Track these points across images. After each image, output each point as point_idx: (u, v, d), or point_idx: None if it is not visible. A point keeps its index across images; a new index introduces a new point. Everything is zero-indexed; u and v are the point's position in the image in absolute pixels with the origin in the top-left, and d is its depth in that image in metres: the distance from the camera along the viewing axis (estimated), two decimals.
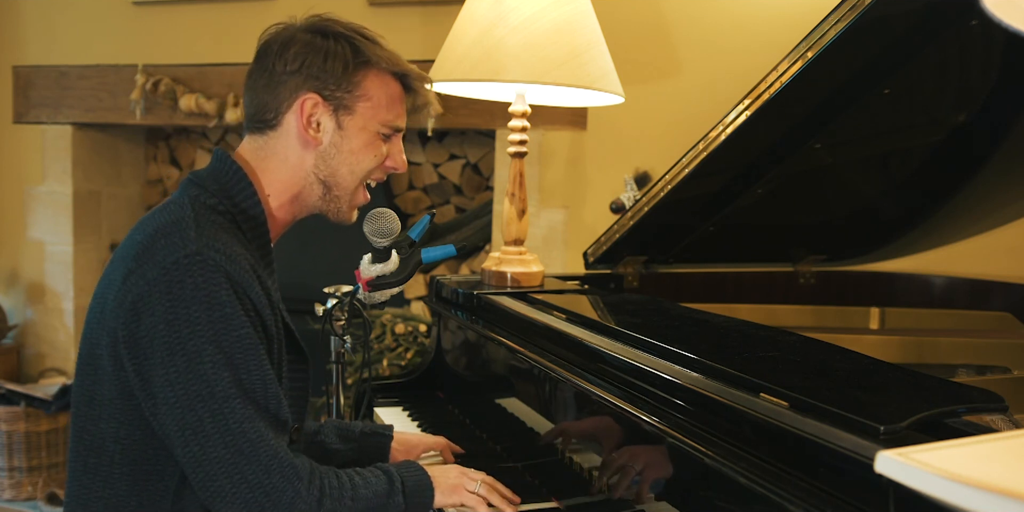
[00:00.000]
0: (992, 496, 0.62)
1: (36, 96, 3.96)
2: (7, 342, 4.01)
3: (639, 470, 1.27)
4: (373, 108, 1.39)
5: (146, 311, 1.20)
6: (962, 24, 1.62)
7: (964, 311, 2.34)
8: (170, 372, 1.19)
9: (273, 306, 1.32)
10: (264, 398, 1.23)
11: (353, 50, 1.37)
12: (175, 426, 1.19)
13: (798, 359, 1.30)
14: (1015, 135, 1.96)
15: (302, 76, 1.35)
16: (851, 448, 0.91)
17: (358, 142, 1.39)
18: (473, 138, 3.55)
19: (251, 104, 1.40)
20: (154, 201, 4.24)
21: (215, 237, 1.25)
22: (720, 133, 1.79)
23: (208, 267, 1.21)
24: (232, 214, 1.34)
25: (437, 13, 3.21)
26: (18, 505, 3.52)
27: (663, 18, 2.90)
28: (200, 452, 1.19)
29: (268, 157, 1.39)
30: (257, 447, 1.20)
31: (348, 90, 1.37)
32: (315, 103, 1.35)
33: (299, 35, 1.37)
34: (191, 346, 1.18)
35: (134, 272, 1.22)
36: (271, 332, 1.30)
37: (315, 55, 1.35)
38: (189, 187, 1.35)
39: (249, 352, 1.22)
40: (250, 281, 1.25)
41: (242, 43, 3.54)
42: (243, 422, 1.19)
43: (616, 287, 2.20)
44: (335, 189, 1.41)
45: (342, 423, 1.65)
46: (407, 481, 1.35)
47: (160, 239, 1.24)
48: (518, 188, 1.99)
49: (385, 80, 1.40)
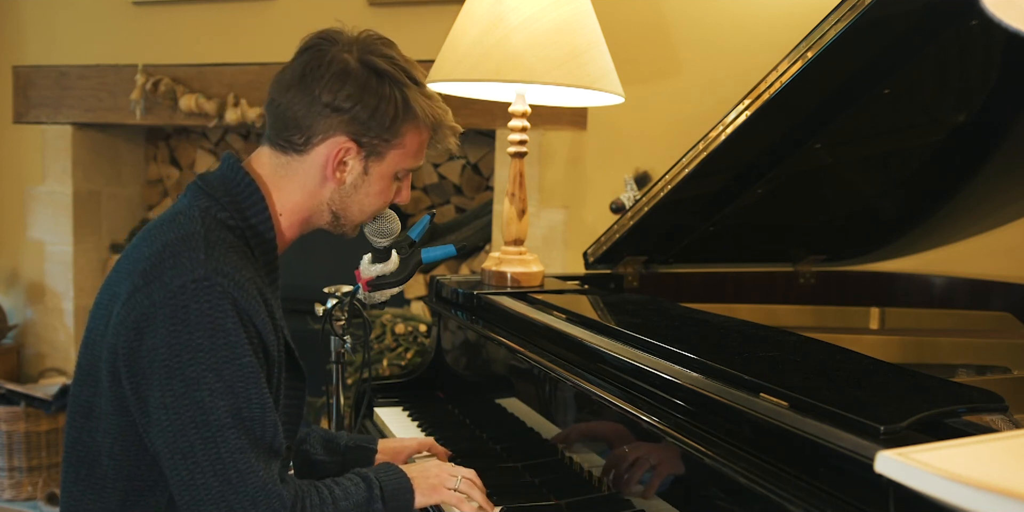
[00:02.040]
0: (992, 496, 0.62)
1: (36, 96, 3.96)
2: (7, 342, 4.01)
3: (639, 470, 1.27)
4: (403, 155, 1.39)
5: (149, 332, 1.19)
6: (962, 24, 1.62)
7: (964, 311, 2.34)
8: (166, 395, 1.18)
9: (277, 329, 1.31)
10: (261, 428, 1.22)
11: (403, 100, 1.34)
12: (166, 448, 1.19)
13: (798, 359, 1.30)
14: (1015, 135, 1.96)
15: (347, 117, 1.32)
16: (851, 448, 0.91)
17: (376, 188, 1.40)
18: (473, 138, 3.56)
19: (279, 117, 1.35)
20: (154, 201, 4.24)
21: (224, 260, 1.23)
22: (720, 133, 1.79)
23: (215, 294, 1.20)
24: (242, 230, 1.32)
25: (437, 13, 3.21)
26: (18, 505, 3.52)
27: (663, 18, 2.90)
28: (188, 477, 1.18)
29: (287, 177, 1.37)
30: (246, 478, 1.19)
31: (386, 139, 1.36)
32: (349, 150, 1.34)
33: (354, 69, 1.32)
34: (190, 372, 1.18)
35: (140, 290, 1.21)
36: (272, 357, 1.29)
37: (368, 100, 1.32)
38: (199, 196, 1.33)
39: (250, 381, 1.21)
40: (256, 308, 1.24)
41: (242, 43, 3.55)
42: (234, 452, 1.19)
43: (616, 287, 2.20)
44: (343, 219, 1.42)
45: (328, 434, 1.64)
46: (385, 486, 1.35)
47: (169, 258, 1.22)
48: (518, 188, 1.99)
49: (421, 131, 1.40)
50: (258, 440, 1.22)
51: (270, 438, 1.23)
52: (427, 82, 1.96)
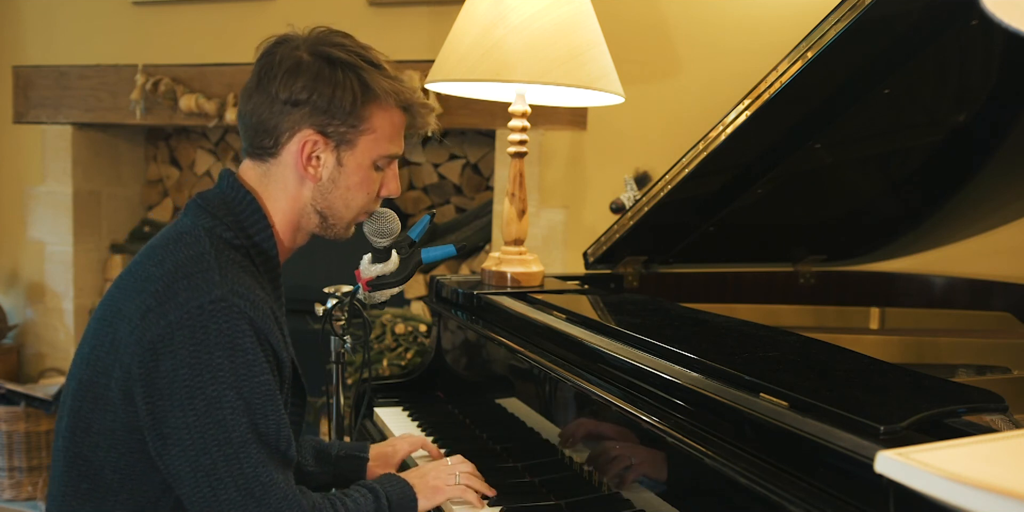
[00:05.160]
0: (992, 496, 0.62)
1: (36, 96, 3.96)
2: (7, 342, 4.01)
3: (639, 470, 1.27)
4: (375, 141, 1.37)
5: (167, 353, 1.19)
6: (962, 24, 1.62)
7: (964, 311, 2.34)
8: (188, 415, 1.18)
9: (287, 347, 1.33)
10: (276, 440, 1.23)
11: (361, 84, 1.33)
12: (187, 468, 1.19)
13: (798, 359, 1.30)
14: (1015, 135, 1.96)
15: (307, 109, 1.32)
16: (851, 448, 0.91)
17: (355, 178, 1.38)
18: (473, 138, 3.55)
19: (248, 125, 1.36)
20: (154, 201, 4.24)
21: (238, 281, 1.24)
22: (720, 133, 1.79)
23: (233, 314, 1.20)
24: (247, 249, 1.33)
25: (437, 13, 3.21)
26: (18, 505, 3.52)
27: (663, 18, 2.90)
28: (211, 494, 1.19)
29: (270, 185, 1.37)
30: (268, 490, 1.20)
31: (353, 125, 1.34)
32: (315, 142, 1.34)
33: (305, 61, 1.32)
34: (211, 391, 1.18)
35: (153, 310, 1.21)
36: (285, 375, 1.31)
37: (322, 89, 1.31)
38: (200, 215, 1.33)
39: (267, 398, 1.22)
40: (271, 326, 1.26)
41: (242, 43, 3.54)
42: (256, 466, 1.20)
43: (616, 287, 2.20)
44: (331, 219, 1.41)
45: (320, 443, 1.64)
46: (392, 497, 1.36)
47: (183, 279, 1.22)
48: (518, 188, 1.99)
49: (390, 113, 1.38)
50: (275, 453, 1.23)
51: (284, 449, 1.25)
52: (427, 82, 1.97)
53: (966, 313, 2.32)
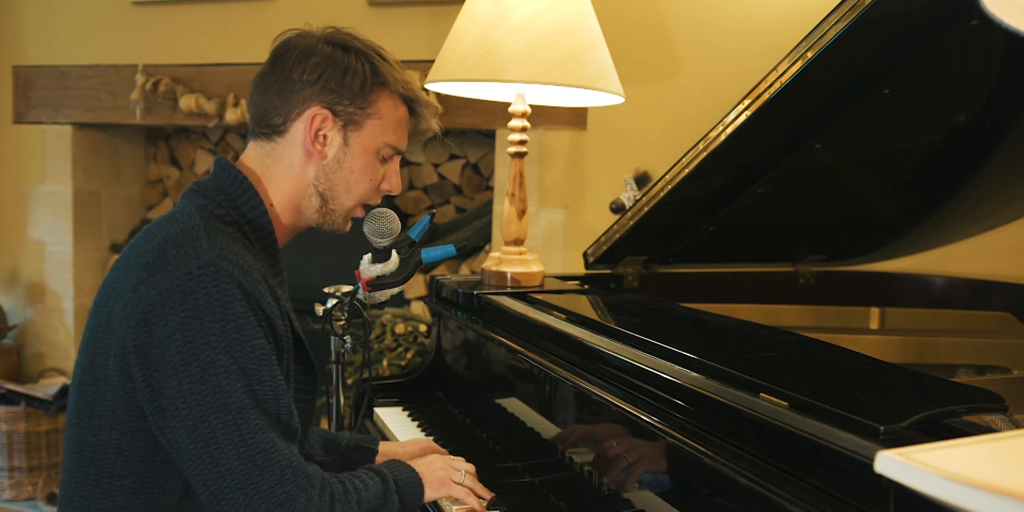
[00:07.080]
0: (992, 496, 0.62)
1: (36, 96, 3.96)
2: (7, 342, 4.01)
3: (639, 470, 1.27)
4: (381, 127, 1.41)
5: (158, 321, 1.19)
6: (962, 24, 1.62)
7: (964, 311, 2.34)
8: (183, 383, 1.18)
9: (284, 315, 1.32)
10: (276, 408, 1.23)
11: (372, 69, 1.38)
12: (187, 438, 1.18)
13: (798, 359, 1.30)
14: (1015, 135, 1.96)
15: (318, 87, 1.36)
16: (851, 448, 0.91)
17: (360, 162, 1.41)
18: (473, 138, 3.55)
19: (258, 106, 1.40)
20: (154, 201, 4.24)
21: (227, 247, 1.25)
22: (720, 133, 1.79)
23: (222, 278, 1.21)
24: (240, 224, 1.34)
25: (437, 13, 3.21)
26: (18, 505, 3.52)
27: (663, 18, 2.90)
28: (212, 464, 1.18)
29: (274, 164, 1.39)
30: (270, 457, 1.20)
31: (361, 107, 1.38)
32: (324, 118, 1.37)
33: (320, 46, 1.38)
34: (205, 357, 1.18)
35: (144, 282, 1.21)
36: (282, 342, 1.30)
37: (335, 68, 1.36)
38: (194, 197, 1.35)
39: (262, 363, 1.22)
40: (262, 292, 1.25)
41: (242, 43, 3.54)
42: (256, 433, 1.19)
43: (616, 287, 2.20)
44: (331, 203, 1.42)
45: (329, 434, 1.65)
46: (399, 480, 1.37)
47: (171, 249, 1.23)
48: (518, 188, 1.99)
49: (396, 103, 1.42)
50: (276, 421, 1.22)
51: (286, 418, 1.24)
52: (427, 82, 1.97)
53: (966, 313, 2.32)
